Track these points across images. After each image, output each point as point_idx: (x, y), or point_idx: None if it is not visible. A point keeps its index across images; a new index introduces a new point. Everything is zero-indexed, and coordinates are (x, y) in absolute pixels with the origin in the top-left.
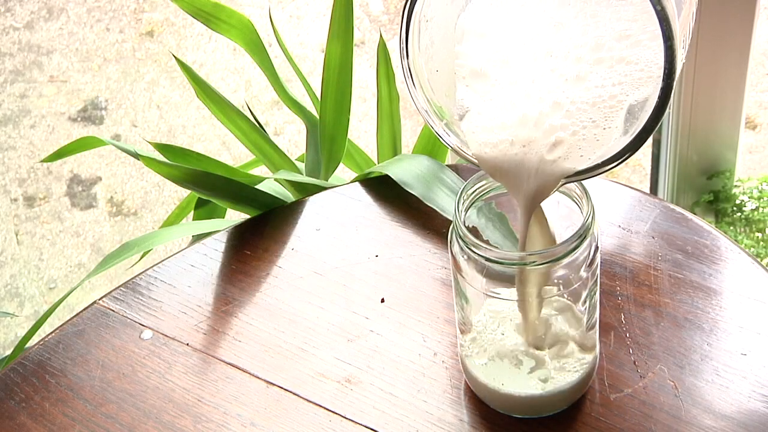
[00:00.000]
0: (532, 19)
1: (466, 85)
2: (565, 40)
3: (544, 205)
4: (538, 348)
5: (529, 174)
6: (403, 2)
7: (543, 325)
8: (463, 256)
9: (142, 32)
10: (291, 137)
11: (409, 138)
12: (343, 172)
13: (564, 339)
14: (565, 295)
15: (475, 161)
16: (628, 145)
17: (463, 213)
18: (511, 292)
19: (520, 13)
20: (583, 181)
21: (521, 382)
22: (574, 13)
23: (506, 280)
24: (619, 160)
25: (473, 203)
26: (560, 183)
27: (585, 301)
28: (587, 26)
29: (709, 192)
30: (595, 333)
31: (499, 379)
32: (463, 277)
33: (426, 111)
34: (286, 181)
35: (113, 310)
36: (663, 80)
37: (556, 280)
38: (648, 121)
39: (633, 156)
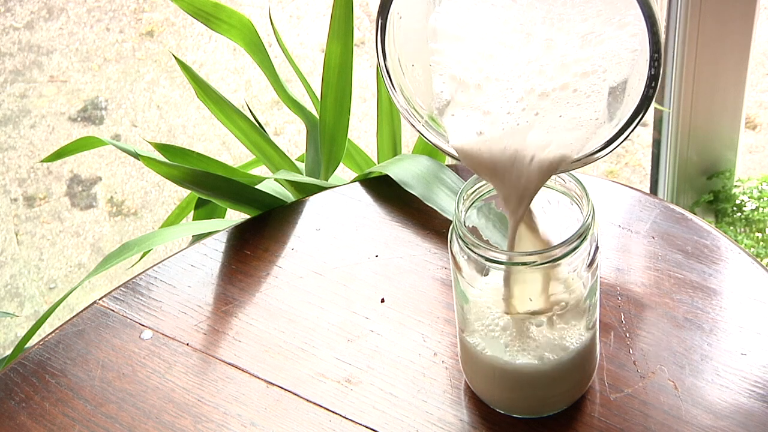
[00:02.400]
0: (502, 26)
1: (443, 82)
2: (533, 61)
3: (544, 205)
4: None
5: (517, 166)
6: (378, 4)
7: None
8: (463, 256)
9: (142, 32)
10: (291, 137)
11: (409, 138)
12: (343, 172)
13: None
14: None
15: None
16: (619, 130)
17: (463, 213)
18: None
19: (490, 18)
20: (583, 181)
21: (518, 358)
22: (541, 18)
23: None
24: (612, 146)
25: (473, 203)
26: (551, 174)
27: (585, 301)
28: (551, 35)
29: (709, 192)
30: (596, 333)
31: (495, 354)
32: (463, 277)
33: (406, 110)
34: (286, 181)
35: (113, 310)
36: (650, 63)
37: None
38: (639, 101)
39: (624, 142)
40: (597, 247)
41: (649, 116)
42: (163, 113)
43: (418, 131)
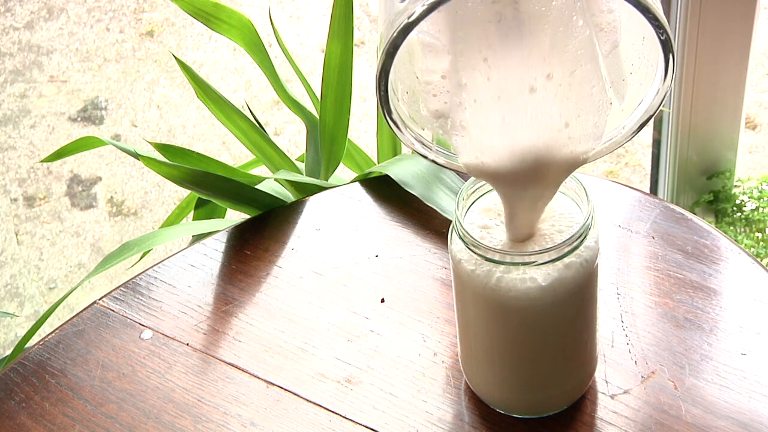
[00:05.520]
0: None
1: (443, 102)
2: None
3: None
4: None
5: (537, 172)
6: (378, 70)
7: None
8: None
9: (142, 32)
10: (291, 137)
11: None
12: (343, 172)
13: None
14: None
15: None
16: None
17: (463, 213)
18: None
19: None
20: (583, 181)
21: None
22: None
23: None
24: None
25: (473, 203)
26: (575, 169)
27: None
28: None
29: (709, 192)
30: (596, 333)
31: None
32: (464, 275)
33: (421, 147)
34: (286, 181)
35: (113, 310)
36: (654, 26)
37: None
38: (664, 66)
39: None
40: (597, 247)
41: None
42: (163, 113)
43: (433, 161)
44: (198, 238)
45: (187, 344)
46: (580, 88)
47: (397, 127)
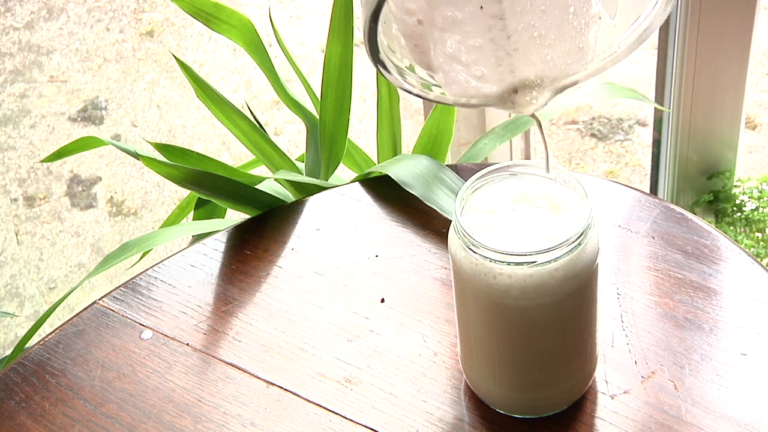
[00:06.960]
0: None
1: (428, 51)
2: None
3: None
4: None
5: (530, 93)
6: (369, 12)
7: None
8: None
9: (142, 32)
10: (291, 137)
11: (409, 138)
12: (343, 172)
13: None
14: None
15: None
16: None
17: (463, 213)
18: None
19: None
20: (583, 181)
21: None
22: None
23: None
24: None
25: (473, 203)
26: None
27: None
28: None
29: (709, 192)
30: (596, 333)
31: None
32: (464, 278)
33: (409, 84)
34: (286, 181)
35: (113, 310)
36: None
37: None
38: None
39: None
40: (597, 247)
41: (649, 116)
42: (163, 113)
43: (418, 95)
44: (198, 238)
45: (187, 344)
46: (556, 6)
47: (385, 68)
